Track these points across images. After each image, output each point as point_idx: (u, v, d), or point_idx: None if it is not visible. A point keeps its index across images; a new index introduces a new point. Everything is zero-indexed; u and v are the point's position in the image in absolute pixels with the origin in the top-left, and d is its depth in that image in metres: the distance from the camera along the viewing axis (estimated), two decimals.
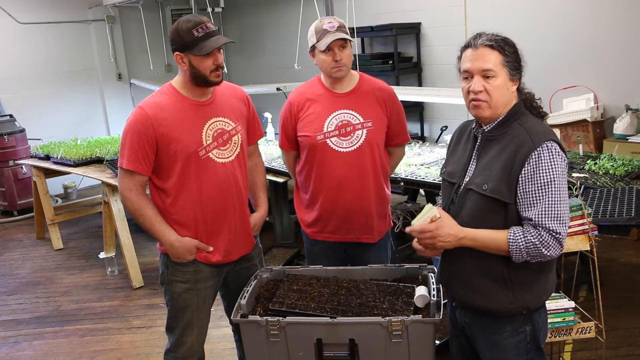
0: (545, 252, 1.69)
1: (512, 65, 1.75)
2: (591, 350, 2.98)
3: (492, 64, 1.72)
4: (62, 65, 7.36)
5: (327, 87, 2.55)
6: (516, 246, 1.70)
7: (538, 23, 5.25)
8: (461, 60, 1.80)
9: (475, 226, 1.76)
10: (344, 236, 2.62)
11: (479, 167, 1.81)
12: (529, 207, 1.70)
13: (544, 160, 1.69)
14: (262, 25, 8.08)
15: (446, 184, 1.94)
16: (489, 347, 1.87)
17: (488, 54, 1.72)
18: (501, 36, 1.76)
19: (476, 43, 1.75)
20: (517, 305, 1.80)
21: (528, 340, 1.85)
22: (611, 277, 3.90)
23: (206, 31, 2.14)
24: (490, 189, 1.74)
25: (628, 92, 4.80)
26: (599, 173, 3.53)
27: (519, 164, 1.71)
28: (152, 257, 4.92)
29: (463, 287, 1.86)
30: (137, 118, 2.18)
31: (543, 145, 1.70)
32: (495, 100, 1.74)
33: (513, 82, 1.77)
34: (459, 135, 1.98)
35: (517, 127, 1.76)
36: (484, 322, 1.87)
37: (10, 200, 6.52)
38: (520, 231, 1.71)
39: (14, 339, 3.79)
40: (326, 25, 2.42)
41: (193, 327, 2.37)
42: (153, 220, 2.23)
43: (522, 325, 1.84)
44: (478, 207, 1.77)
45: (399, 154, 2.73)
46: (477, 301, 1.84)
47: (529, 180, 1.69)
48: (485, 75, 1.73)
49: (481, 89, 1.73)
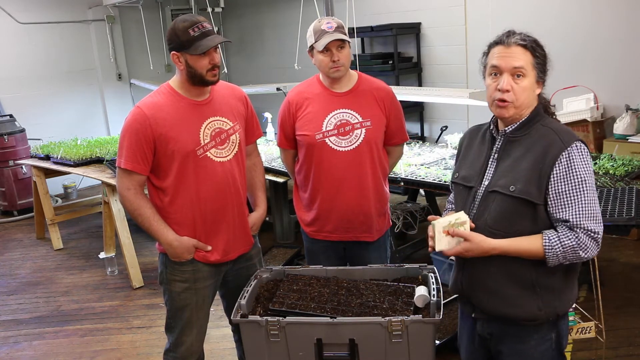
0: (583, 254, 1.65)
1: (541, 67, 1.73)
2: (591, 350, 2.98)
3: (523, 63, 1.69)
4: (62, 65, 7.36)
5: (325, 87, 2.56)
6: (553, 252, 1.65)
7: (538, 23, 5.23)
8: (489, 56, 1.76)
9: (501, 228, 1.72)
10: (343, 235, 2.62)
11: (501, 168, 1.76)
12: (563, 208, 1.66)
13: (576, 160, 1.66)
14: (262, 26, 8.08)
15: (460, 188, 1.88)
16: (514, 356, 1.81)
17: (520, 53, 1.69)
18: (533, 37, 1.73)
19: (509, 41, 1.71)
20: (546, 312, 1.75)
21: (553, 348, 1.81)
22: (611, 277, 3.90)
23: (202, 30, 2.14)
24: (519, 189, 1.69)
25: (628, 92, 4.80)
26: (599, 173, 3.52)
27: (549, 164, 1.67)
28: (152, 257, 4.92)
29: (488, 295, 1.79)
30: (135, 118, 2.19)
31: (573, 145, 1.67)
32: (521, 101, 1.71)
33: (538, 85, 1.75)
34: (470, 139, 1.94)
35: (541, 128, 1.73)
36: (510, 331, 1.80)
37: (10, 200, 6.52)
38: (555, 236, 1.66)
39: (14, 339, 3.79)
40: (324, 25, 2.43)
41: (192, 326, 2.37)
42: (151, 220, 2.24)
43: (548, 333, 1.79)
44: (505, 209, 1.72)
45: (397, 153, 2.74)
46: (504, 309, 1.77)
47: (562, 180, 1.66)
48: (515, 73, 1.70)
49: (509, 87, 1.70)
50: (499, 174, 1.76)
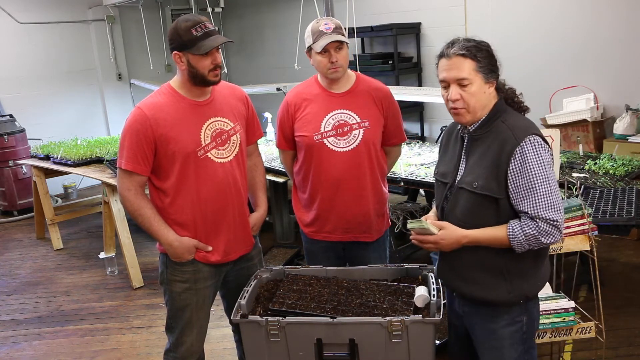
0: (545, 240, 1.77)
1: (486, 69, 1.80)
2: (591, 350, 2.98)
3: (465, 73, 1.78)
4: (62, 65, 7.36)
5: (323, 87, 2.56)
6: (517, 240, 1.78)
7: (538, 23, 5.25)
8: (438, 69, 1.87)
9: (469, 221, 1.84)
10: (342, 235, 2.62)
11: (468, 166, 1.88)
12: (522, 201, 1.77)
13: (529, 154, 1.76)
14: (262, 26, 8.08)
15: (439, 184, 2.01)
16: (485, 335, 1.94)
17: (461, 63, 1.78)
18: (473, 42, 1.81)
19: (449, 52, 1.81)
20: (515, 295, 1.87)
21: (524, 331, 1.92)
22: (611, 277, 3.90)
23: (205, 30, 2.13)
24: (481, 186, 1.81)
25: (628, 92, 4.80)
26: (599, 173, 3.53)
27: (505, 160, 1.78)
28: (152, 257, 4.92)
29: (462, 280, 1.93)
30: (136, 119, 2.18)
31: (526, 139, 1.77)
32: (472, 105, 1.81)
33: (489, 84, 1.82)
34: (448, 136, 2.06)
35: (500, 124, 1.82)
36: (482, 311, 1.93)
37: (10, 200, 6.52)
38: (517, 225, 1.78)
39: (13, 339, 3.79)
40: (322, 26, 2.43)
41: (192, 326, 2.37)
42: (152, 220, 2.24)
43: (519, 315, 1.90)
44: (470, 204, 1.84)
45: (395, 154, 2.74)
46: (476, 292, 1.91)
47: (518, 175, 1.77)
48: (460, 83, 1.79)
49: (458, 97, 1.80)
50: (467, 172, 1.88)
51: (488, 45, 1.83)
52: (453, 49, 1.80)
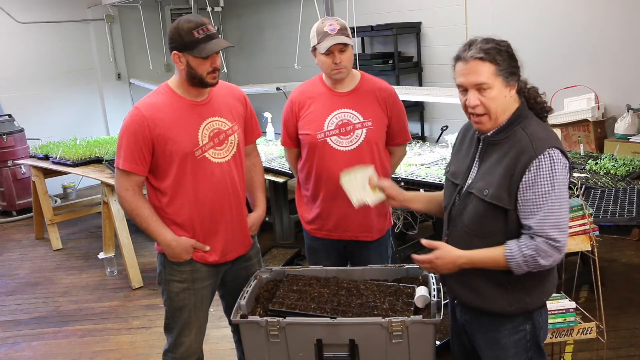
0: (544, 262, 1.68)
1: (506, 72, 1.69)
2: (592, 351, 2.98)
3: (484, 77, 1.68)
4: (62, 65, 7.35)
5: (328, 86, 2.56)
6: (515, 262, 1.70)
7: (539, 22, 5.24)
8: (454, 72, 1.76)
9: (476, 229, 1.78)
10: (343, 234, 2.62)
11: (481, 171, 1.80)
12: (529, 215, 1.69)
13: (545, 169, 1.67)
14: (261, 25, 8.07)
15: (449, 183, 1.93)
16: (489, 345, 1.88)
17: (479, 67, 1.68)
18: (492, 43, 1.70)
19: (466, 56, 1.70)
20: (517, 308, 1.80)
21: (528, 339, 1.85)
22: (612, 277, 3.89)
23: (207, 33, 2.13)
24: (491, 194, 1.72)
25: (629, 91, 4.80)
26: (600, 173, 3.52)
27: (520, 171, 1.69)
28: (152, 257, 4.91)
29: (462, 287, 1.87)
30: (133, 119, 2.18)
31: (545, 152, 1.67)
32: (493, 111, 1.71)
33: (510, 87, 1.72)
34: (464, 134, 1.96)
35: (520, 131, 1.72)
36: (483, 320, 1.87)
37: (9, 200, 6.51)
38: (515, 245, 1.70)
39: (12, 340, 3.78)
40: (327, 27, 2.43)
41: (191, 327, 2.36)
42: (149, 220, 2.23)
43: (522, 323, 1.84)
44: (479, 212, 1.77)
45: (400, 153, 2.73)
46: (476, 301, 1.85)
47: (529, 189, 1.68)
48: (479, 88, 1.69)
49: (477, 102, 1.70)
50: (479, 177, 1.79)
51: (508, 45, 1.72)
52: (470, 51, 1.69)
